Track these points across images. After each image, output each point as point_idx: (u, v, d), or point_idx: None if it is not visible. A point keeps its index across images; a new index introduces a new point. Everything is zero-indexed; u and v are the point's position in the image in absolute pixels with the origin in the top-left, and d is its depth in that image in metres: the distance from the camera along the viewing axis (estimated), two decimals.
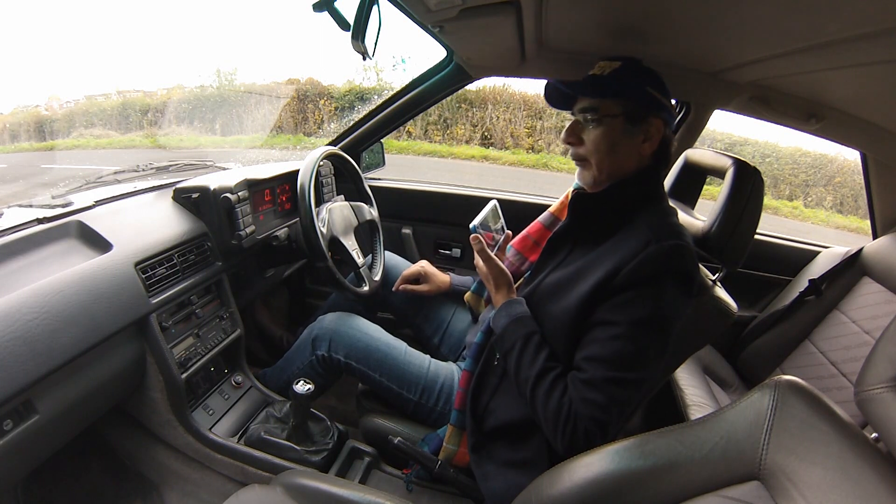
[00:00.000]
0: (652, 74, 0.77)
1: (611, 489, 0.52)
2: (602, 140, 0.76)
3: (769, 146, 7.02)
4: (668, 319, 0.70)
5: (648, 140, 0.77)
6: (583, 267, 0.76)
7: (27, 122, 6.95)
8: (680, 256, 0.70)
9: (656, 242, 0.69)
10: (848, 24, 0.61)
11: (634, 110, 0.75)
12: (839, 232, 6.16)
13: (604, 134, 0.76)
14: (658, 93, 0.76)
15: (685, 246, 0.71)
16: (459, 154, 7.41)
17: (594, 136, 0.77)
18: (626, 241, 0.73)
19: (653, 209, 0.77)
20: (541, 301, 0.80)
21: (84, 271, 0.80)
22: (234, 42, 13.70)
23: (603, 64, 0.79)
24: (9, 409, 0.68)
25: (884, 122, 1.04)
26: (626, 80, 0.75)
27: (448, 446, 0.87)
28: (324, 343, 1.05)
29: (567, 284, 0.77)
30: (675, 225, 0.75)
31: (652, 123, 0.76)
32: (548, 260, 0.86)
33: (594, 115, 0.76)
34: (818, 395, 0.47)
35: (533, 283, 0.84)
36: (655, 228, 0.72)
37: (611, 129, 0.76)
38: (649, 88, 0.75)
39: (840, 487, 0.40)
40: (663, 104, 0.76)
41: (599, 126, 0.76)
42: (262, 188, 1.22)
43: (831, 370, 1.22)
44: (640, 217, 0.76)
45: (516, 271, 0.95)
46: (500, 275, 0.85)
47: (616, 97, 0.75)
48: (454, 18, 0.83)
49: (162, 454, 1.03)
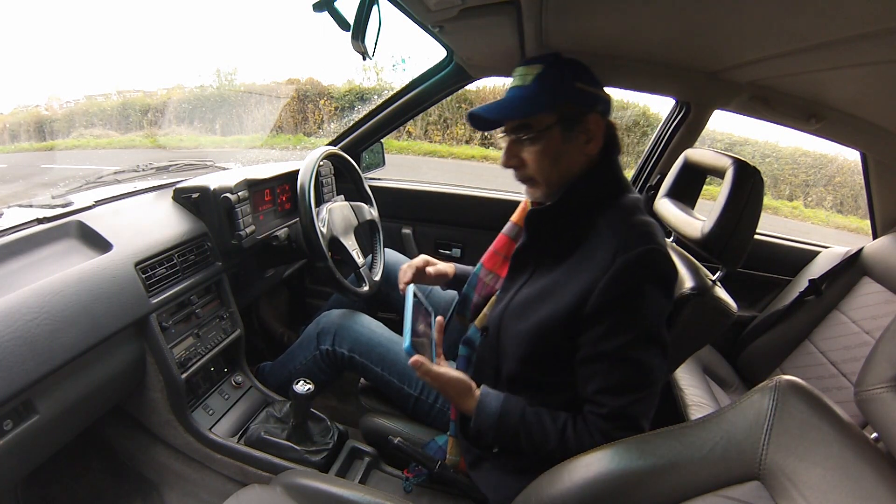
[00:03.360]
0: (577, 67, 0.72)
1: (611, 489, 0.52)
2: (543, 156, 0.72)
3: (769, 146, 7.02)
4: (657, 327, 0.68)
5: (592, 139, 0.72)
6: (551, 285, 0.73)
7: (27, 122, 6.95)
8: (652, 262, 0.66)
9: (624, 253, 0.66)
10: (848, 24, 0.61)
11: (568, 115, 0.71)
12: (839, 232, 6.16)
13: (543, 149, 0.72)
14: (587, 85, 0.71)
15: (655, 248, 0.67)
16: (459, 154, 7.41)
17: (534, 153, 0.72)
18: (592, 255, 0.69)
19: (614, 208, 0.73)
20: (511, 321, 0.76)
21: (84, 271, 0.80)
22: (234, 42, 13.70)
23: (522, 70, 0.74)
24: (9, 409, 0.68)
25: (884, 122, 1.03)
26: (553, 85, 0.71)
27: (451, 458, 0.86)
28: (329, 337, 1.06)
29: (536, 304, 0.73)
30: (641, 224, 0.70)
31: (590, 121, 0.71)
32: (516, 277, 0.81)
33: (528, 132, 0.72)
34: (818, 395, 0.47)
35: (503, 302, 0.80)
36: (621, 234, 0.68)
37: (549, 141, 0.71)
38: (578, 84, 0.71)
39: (840, 487, 0.40)
40: (596, 96, 0.72)
41: (537, 142, 0.72)
42: (262, 188, 1.22)
43: (831, 370, 1.22)
44: (602, 220, 0.72)
45: (490, 290, 0.91)
46: (450, 384, 0.74)
47: (543, 109, 0.71)
48: (454, 18, 0.83)
49: (162, 454, 1.03)
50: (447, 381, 0.73)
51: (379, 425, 0.98)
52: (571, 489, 0.54)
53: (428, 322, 0.80)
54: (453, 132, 7.74)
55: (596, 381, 0.68)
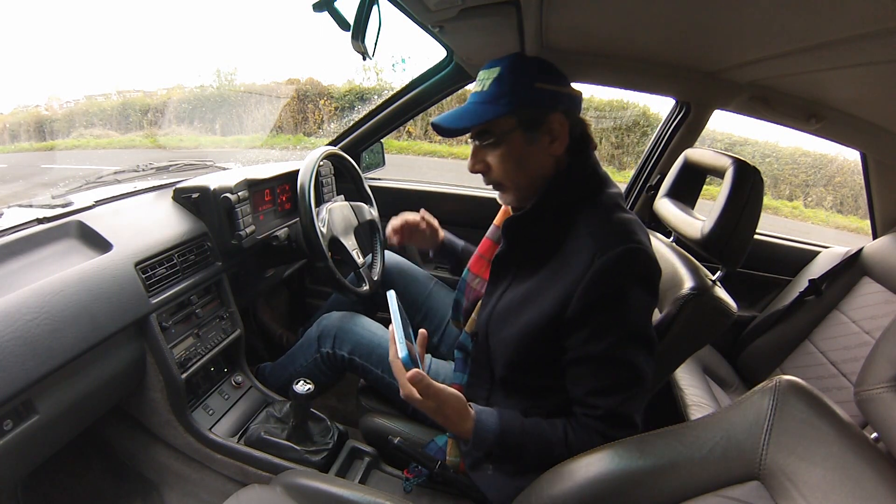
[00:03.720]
0: (538, 65, 0.70)
1: (611, 489, 0.52)
2: (506, 160, 0.72)
3: (769, 146, 7.02)
4: (642, 326, 0.67)
5: (556, 139, 0.71)
6: (532, 290, 0.72)
7: (27, 122, 6.96)
8: (631, 261, 0.65)
9: (601, 255, 0.64)
10: (848, 24, 0.61)
11: (528, 116, 0.70)
12: (839, 232, 6.16)
13: (506, 153, 0.71)
14: (549, 84, 0.69)
15: (633, 248, 0.65)
16: (459, 154, 7.40)
17: (497, 157, 0.72)
18: (571, 259, 0.68)
19: (591, 209, 0.71)
20: (496, 326, 0.76)
21: (84, 271, 0.80)
22: (234, 42, 13.71)
23: (482, 75, 0.73)
24: (9, 409, 0.68)
25: (884, 122, 1.04)
26: (510, 87, 0.69)
27: (451, 459, 0.86)
28: (329, 340, 1.06)
29: (518, 309, 0.73)
30: (619, 223, 0.68)
31: (553, 121, 0.70)
32: (496, 282, 0.80)
33: (489, 137, 0.72)
34: (818, 395, 0.47)
35: (488, 308, 0.79)
36: (598, 236, 0.67)
37: (510, 145, 0.71)
38: (538, 84, 0.69)
39: (840, 487, 0.40)
40: (558, 94, 0.70)
41: (498, 146, 0.71)
42: (262, 188, 1.22)
43: (831, 370, 1.22)
44: (580, 221, 0.70)
45: (478, 295, 0.88)
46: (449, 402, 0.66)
47: (501, 114, 0.69)
48: (454, 18, 0.83)
49: (162, 454, 1.03)
50: (446, 399, 0.65)
51: (379, 425, 0.98)
52: (571, 489, 0.54)
53: (409, 332, 0.72)
54: None
55: (585, 383, 0.68)
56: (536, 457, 0.68)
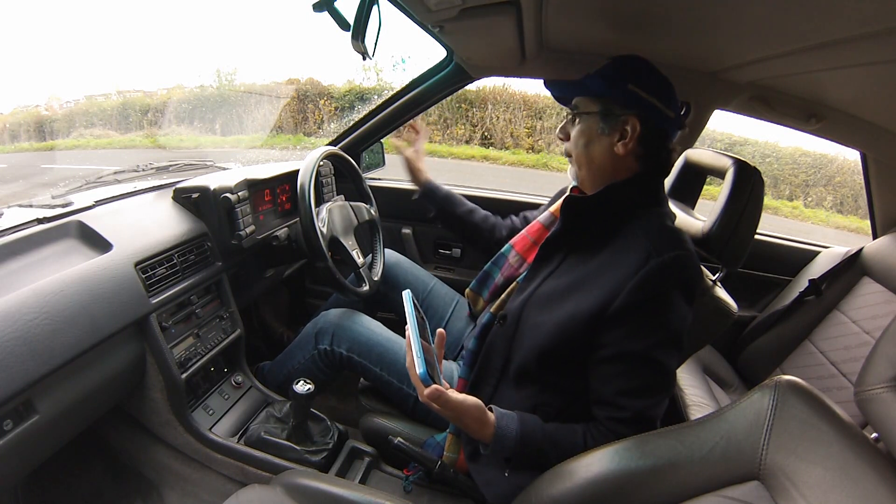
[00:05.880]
0: (641, 72, 0.75)
1: (611, 489, 0.52)
2: (579, 137, 0.79)
3: (769, 146, 7.02)
4: (680, 332, 0.70)
5: (624, 139, 0.75)
6: (579, 280, 0.74)
7: (27, 122, 6.95)
8: (682, 268, 0.68)
9: (657, 256, 0.67)
10: (848, 24, 0.61)
11: (610, 108, 0.75)
12: (839, 232, 6.16)
13: (581, 131, 0.78)
14: (644, 91, 0.73)
15: (686, 255, 0.69)
16: (459, 154, 7.41)
17: (575, 132, 0.80)
18: (624, 254, 0.71)
19: (648, 216, 0.75)
20: (533, 311, 0.77)
21: (84, 271, 0.80)
22: (234, 42, 13.70)
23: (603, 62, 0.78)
24: (9, 409, 0.67)
25: (884, 122, 1.04)
26: (607, 79, 0.75)
27: (449, 454, 0.86)
28: (327, 337, 1.05)
29: (561, 297, 0.74)
30: (673, 231, 0.73)
31: (627, 122, 0.74)
32: (542, 266, 0.83)
33: (575, 112, 0.80)
34: (818, 395, 0.47)
35: (527, 291, 0.81)
36: (654, 237, 0.70)
37: (587, 126, 0.78)
38: (631, 86, 0.73)
39: (840, 487, 0.40)
40: (646, 102, 0.73)
41: (579, 123, 0.79)
42: (262, 188, 1.22)
43: (831, 370, 1.22)
44: (636, 223, 0.74)
45: (514, 273, 0.92)
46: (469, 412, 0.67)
47: (591, 95, 0.77)
48: (454, 18, 0.83)
49: (162, 454, 1.03)
50: (465, 410, 0.67)
51: (379, 425, 0.98)
52: (572, 489, 0.54)
53: (426, 334, 0.72)
54: (453, 132, 7.74)
55: (617, 382, 0.69)
56: (556, 462, 0.66)
